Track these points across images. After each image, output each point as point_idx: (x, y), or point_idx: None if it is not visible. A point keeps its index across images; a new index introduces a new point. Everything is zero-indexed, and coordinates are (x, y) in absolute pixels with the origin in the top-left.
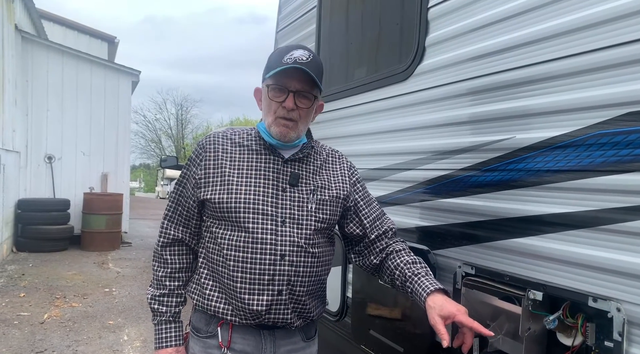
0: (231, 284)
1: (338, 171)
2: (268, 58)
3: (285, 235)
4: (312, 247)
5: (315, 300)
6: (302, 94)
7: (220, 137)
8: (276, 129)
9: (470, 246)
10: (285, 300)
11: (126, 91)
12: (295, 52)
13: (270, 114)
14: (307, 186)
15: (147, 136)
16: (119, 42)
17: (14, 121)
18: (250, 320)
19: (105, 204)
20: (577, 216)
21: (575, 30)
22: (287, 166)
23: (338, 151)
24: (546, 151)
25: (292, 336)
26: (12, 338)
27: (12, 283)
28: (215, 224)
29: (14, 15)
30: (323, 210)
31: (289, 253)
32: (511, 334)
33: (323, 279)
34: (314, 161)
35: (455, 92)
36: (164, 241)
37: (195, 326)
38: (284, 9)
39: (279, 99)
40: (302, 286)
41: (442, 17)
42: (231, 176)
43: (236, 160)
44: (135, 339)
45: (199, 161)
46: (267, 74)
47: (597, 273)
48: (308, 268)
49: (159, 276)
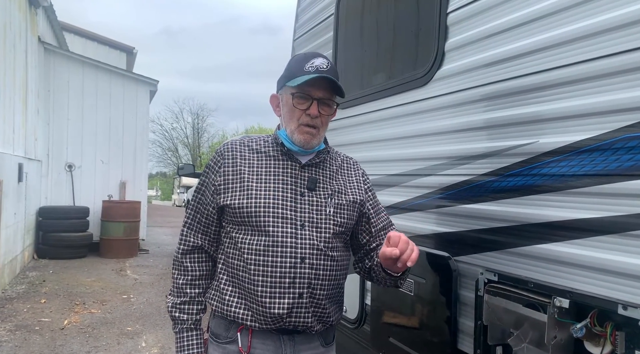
0: (252, 288)
1: (353, 177)
2: (287, 66)
3: (305, 238)
4: (331, 250)
5: (334, 305)
6: (324, 101)
7: (237, 144)
8: (300, 136)
9: (492, 253)
10: (305, 304)
11: (144, 100)
12: (315, 60)
13: (293, 121)
14: (324, 190)
15: (164, 145)
16: (137, 52)
17: (36, 130)
18: (270, 324)
19: (123, 211)
20: (604, 221)
21: (602, 32)
22: (304, 170)
23: (352, 158)
24: (571, 155)
25: (311, 341)
26: (33, 343)
27: (34, 289)
28: (235, 229)
29: (37, 28)
30: (341, 214)
31: (309, 256)
32: (536, 342)
33: (341, 284)
34: (330, 166)
35: (475, 96)
36: (183, 248)
37: (215, 332)
38: (301, 18)
39: (302, 107)
40: (322, 289)
41: (461, 22)
42: (250, 181)
43: (254, 166)
44: (153, 346)
45: (217, 168)
46: (290, 82)
47: (626, 280)
48: (328, 271)
49: (179, 284)
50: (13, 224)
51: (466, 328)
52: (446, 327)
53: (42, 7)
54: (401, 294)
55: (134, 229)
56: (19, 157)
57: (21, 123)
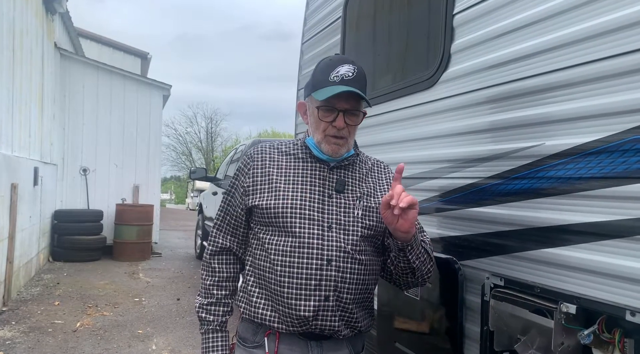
0: (278, 290)
1: (384, 181)
2: (314, 72)
3: (331, 240)
4: (359, 253)
5: (362, 310)
6: (350, 112)
7: (267, 146)
8: (327, 146)
9: (498, 257)
10: (332, 307)
11: (157, 105)
12: (340, 68)
13: (320, 132)
14: (353, 192)
15: (178, 149)
16: (151, 57)
17: (51, 134)
18: (297, 327)
19: (137, 215)
20: (612, 225)
21: (608, 33)
22: (333, 173)
23: (383, 162)
24: (578, 158)
25: (339, 349)
26: (45, 345)
27: (48, 291)
28: (263, 230)
29: (53, 34)
30: (370, 217)
31: (336, 258)
32: (543, 349)
33: (370, 289)
34: (360, 169)
35: (482, 98)
36: (212, 249)
37: (242, 336)
38: (309, 21)
39: (328, 119)
40: (349, 293)
41: (467, 23)
42: (278, 183)
43: (283, 167)
44: (163, 349)
45: (247, 170)
46: (315, 93)
47: (635, 285)
48: (355, 274)
49: (207, 285)
50: (28, 227)
51: (472, 333)
52: (452, 332)
53: (59, 14)
54: (408, 298)
55: (147, 232)
56: (34, 161)
57: (37, 127)
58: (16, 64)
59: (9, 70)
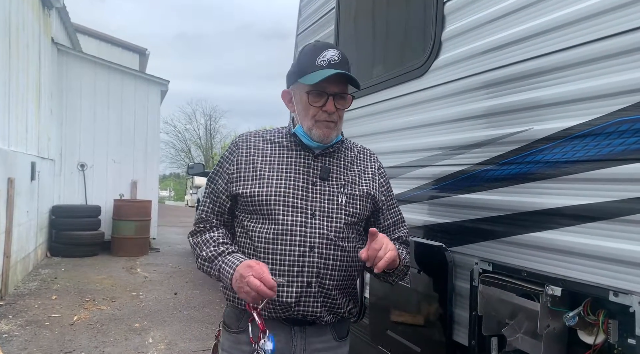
0: None
1: (369, 169)
2: (297, 59)
3: (315, 227)
4: (342, 241)
5: (345, 297)
6: (339, 95)
7: (252, 135)
8: (318, 131)
9: (487, 242)
10: (314, 293)
11: (155, 100)
12: (326, 53)
13: (309, 118)
14: (337, 180)
15: (177, 146)
16: (149, 53)
17: (49, 130)
18: (280, 313)
19: (134, 210)
20: (597, 207)
21: (591, 17)
22: (317, 160)
23: (369, 149)
24: (564, 142)
25: (323, 334)
26: (42, 338)
27: (45, 286)
28: (247, 218)
29: (50, 29)
30: (353, 204)
31: (318, 245)
32: (530, 332)
33: (353, 276)
34: (345, 156)
35: (471, 85)
36: (196, 229)
37: (226, 322)
38: (304, 12)
39: (318, 104)
40: (332, 279)
41: (457, 10)
42: (263, 171)
43: (267, 156)
44: (159, 342)
45: (232, 158)
46: (303, 78)
47: (617, 266)
48: (338, 261)
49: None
50: (26, 222)
51: (462, 319)
52: (442, 318)
53: (56, 9)
54: (399, 286)
55: (145, 227)
56: (31, 156)
57: (34, 122)
58: (12, 59)
59: (5, 64)
